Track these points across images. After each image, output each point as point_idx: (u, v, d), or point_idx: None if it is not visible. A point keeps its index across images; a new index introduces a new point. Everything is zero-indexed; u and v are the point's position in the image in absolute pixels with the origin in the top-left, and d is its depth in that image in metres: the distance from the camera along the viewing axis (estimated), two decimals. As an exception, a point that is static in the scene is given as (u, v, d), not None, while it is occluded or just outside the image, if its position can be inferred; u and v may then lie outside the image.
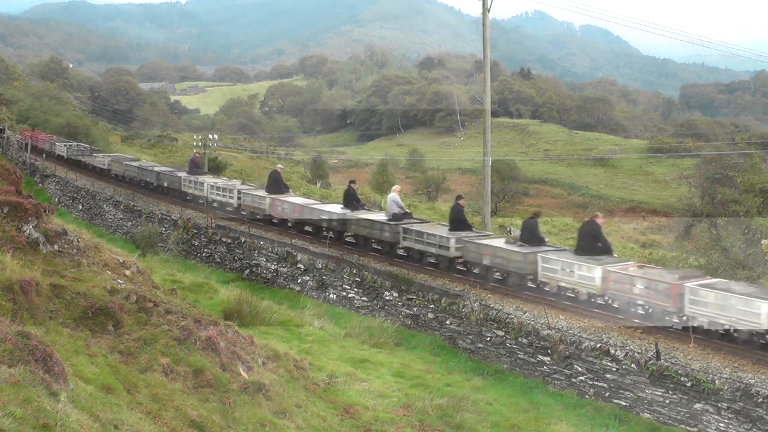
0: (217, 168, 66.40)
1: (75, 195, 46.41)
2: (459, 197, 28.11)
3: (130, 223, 40.30)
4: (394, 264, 27.87)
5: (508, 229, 51.39)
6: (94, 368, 10.24)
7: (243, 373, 12.92)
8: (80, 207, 45.42)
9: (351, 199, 30.44)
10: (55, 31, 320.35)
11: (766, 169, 37.77)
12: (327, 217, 30.36)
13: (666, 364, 18.34)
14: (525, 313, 22.44)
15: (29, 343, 8.48)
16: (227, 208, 37.20)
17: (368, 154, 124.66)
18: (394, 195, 28.59)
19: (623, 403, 18.87)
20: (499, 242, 25.34)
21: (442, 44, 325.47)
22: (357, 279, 27.44)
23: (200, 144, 59.68)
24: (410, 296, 25.38)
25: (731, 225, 33.15)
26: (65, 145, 55.22)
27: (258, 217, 34.29)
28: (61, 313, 11.43)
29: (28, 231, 13.32)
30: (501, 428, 16.85)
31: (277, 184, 33.84)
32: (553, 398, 19.70)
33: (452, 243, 25.38)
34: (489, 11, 31.71)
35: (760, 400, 16.58)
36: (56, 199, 47.85)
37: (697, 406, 17.56)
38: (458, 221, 26.95)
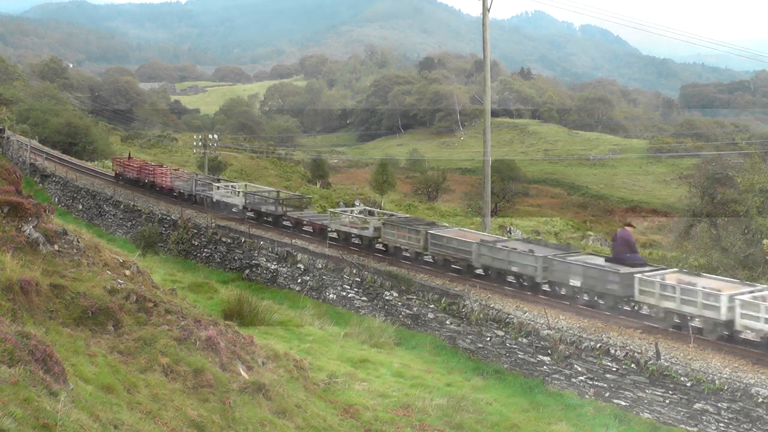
0: (217, 168, 66.26)
1: (75, 195, 46.40)
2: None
3: (130, 223, 40.30)
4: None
5: (508, 229, 51.45)
6: (94, 368, 10.24)
7: (243, 373, 12.92)
8: (80, 207, 45.41)
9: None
10: (55, 31, 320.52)
11: (766, 169, 37.73)
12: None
13: (666, 364, 18.33)
14: (525, 313, 22.43)
15: (29, 343, 8.48)
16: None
17: (368, 154, 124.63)
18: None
19: (623, 403, 18.86)
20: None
21: (442, 44, 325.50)
22: (357, 279, 27.44)
23: (200, 144, 59.68)
24: (410, 296, 25.38)
25: (731, 225, 33.12)
26: (234, 190, 39.37)
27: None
28: (61, 313, 11.43)
29: (28, 231, 13.32)
30: (501, 428, 16.85)
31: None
32: (553, 398, 19.69)
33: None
34: (489, 11, 31.76)
35: (760, 400, 16.57)
36: (56, 199, 47.84)
37: (697, 406, 17.56)
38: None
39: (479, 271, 25.89)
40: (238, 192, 37.56)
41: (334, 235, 31.34)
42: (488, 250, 24.95)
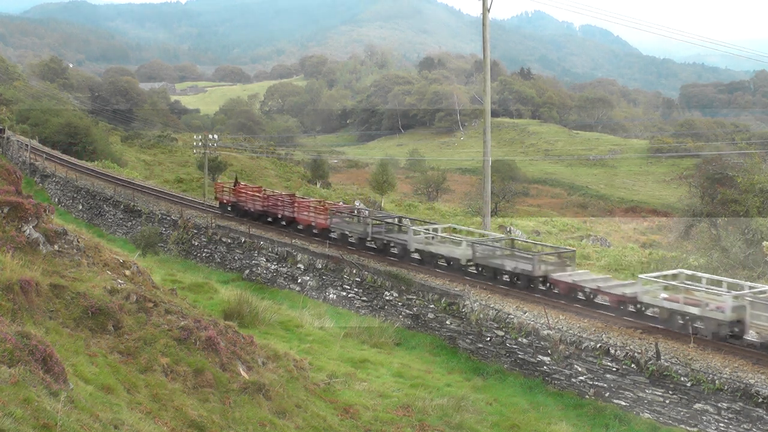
0: (217, 168, 66.25)
1: (75, 195, 46.41)
2: None
3: (130, 223, 40.31)
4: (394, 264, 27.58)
5: (508, 229, 51.44)
6: (94, 368, 10.24)
7: (243, 373, 12.92)
8: (80, 207, 45.41)
9: None
10: (55, 31, 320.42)
11: (766, 169, 37.75)
12: None
13: (666, 364, 18.33)
14: (525, 313, 22.43)
15: (29, 343, 8.48)
16: None
17: (368, 154, 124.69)
18: None
19: (623, 403, 18.87)
20: None
21: (442, 44, 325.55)
22: (357, 279, 27.45)
23: (200, 144, 59.72)
24: (410, 296, 25.38)
25: (731, 225, 33.14)
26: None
27: None
28: (61, 313, 11.43)
29: (28, 231, 13.32)
30: (501, 428, 16.85)
31: None
32: (553, 398, 19.70)
33: None
34: (489, 11, 31.74)
35: (760, 400, 16.57)
36: (56, 199, 47.84)
37: (697, 406, 17.56)
38: None
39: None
40: (460, 241, 26.86)
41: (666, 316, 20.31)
42: None
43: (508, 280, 24.92)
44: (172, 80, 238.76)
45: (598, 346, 19.72)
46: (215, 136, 63.70)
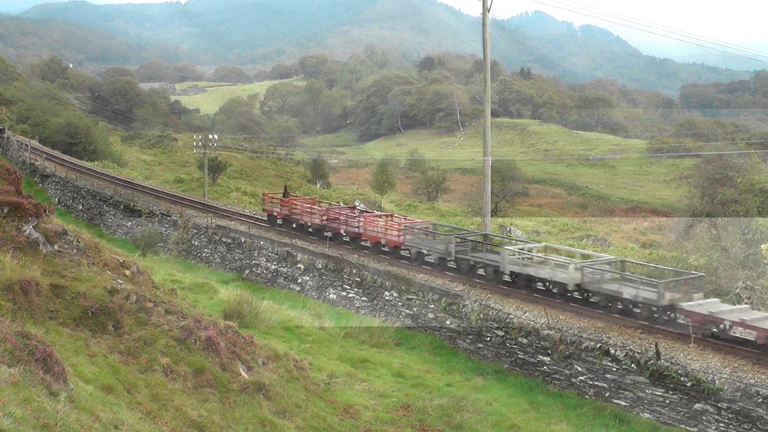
0: (217, 168, 66.23)
1: (75, 195, 46.40)
2: None
3: (130, 223, 40.31)
4: (394, 264, 27.68)
5: (508, 229, 51.45)
6: (94, 368, 10.24)
7: (243, 373, 12.93)
8: (80, 207, 45.41)
9: None
10: (55, 31, 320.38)
11: (766, 169, 37.77)
12: None
13: (666, 364, 18.34)
14: (525, 313, 22.43)
15: (29, 343, 8.48)
16: None
17: (368, 154, 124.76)
18: None
19: (623, 403, 18.87)
20: None
21: (442, 44, 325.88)
22: (357, 279, 27.45)
23: (200, 144, 59.70)
24: (410, 296, 25.39)
25: (731, 225, 33.12)
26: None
27: None
28: (61, 313, 11.43)
29: (28, 231, 13.32)
30: (501, 428, 16.85)
31: None
32: (553, 398, 19.70)
33: None
34: (489, 11, 31.72)
35: (760, 400, 16.57)
36: (56, 199, 47.83)
37: (697, 406, 17.56)
38: None
39: None
40: (566, 263, 23.43)
41: None
42: None
43: (621, 308, 21.47)
44: (172, 80, 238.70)
45: (598, 346, 19.73)
46: (215, 136, 63.68)
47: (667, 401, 18.06)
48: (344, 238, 31.17)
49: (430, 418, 15.81)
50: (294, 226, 33.31)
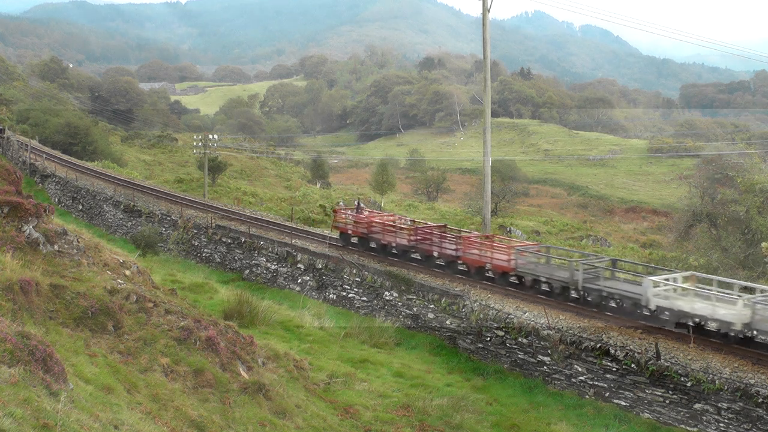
0: (217, 168, 66.22)
1: (75, 195, 46.40)
2: None
3: (130, 223, 40.31)
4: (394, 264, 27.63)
5: (508, 229, 51.45)
6: (94, 368, 10.24)
7: (243, 373, 12.92)
8: (80, 207, 45.40)
9: None
10: (55, 31, 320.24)
11: (766, 169, 37.77)
12: None
13: (666, 364, 18.33)
14: (525, 313, 22.43)
15: (29, 343, 8.47)
16: None
17: (368, 154, 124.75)
18: None
19: (623, 403, 18.87)
20: None
21: (442, 44, 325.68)
22: (357, 279, 27.44)
23: (200, 144, 59.65)
24: (410, 296, 25.39)
25: (731, 225, 33.11)
26: None
27: None
28: (61, 313, 11.43)
29: (28, 231, 13.31)
30: (501, 428, 16.85)
31: None
32: (553, 398, 19.69)
33: None
34: (489, 11, 31.72)
35: (760, 400, 16.57)
36: (56, 199, 47.81)
37: (697, 406, 17.55)
38: None
39: None
40: (735, 298, 18.93)
41: None
42: None
43: None
44: (172, 80, 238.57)
45: (598, 346, 19.72)
46: (215, 136, 63.64)
47: (667, 401, 18.06)
48: (437, 261, 27.17)
49: (430, 418, 15.81)
50: (373, 246, 29.10)
